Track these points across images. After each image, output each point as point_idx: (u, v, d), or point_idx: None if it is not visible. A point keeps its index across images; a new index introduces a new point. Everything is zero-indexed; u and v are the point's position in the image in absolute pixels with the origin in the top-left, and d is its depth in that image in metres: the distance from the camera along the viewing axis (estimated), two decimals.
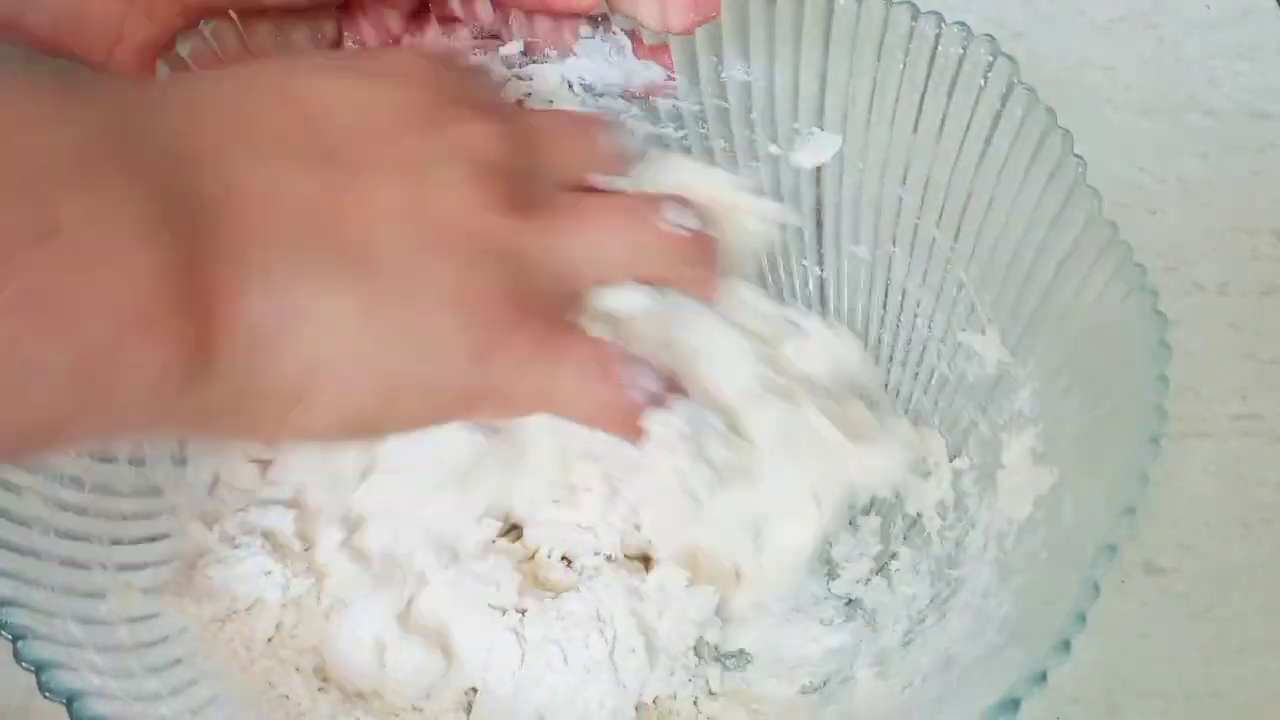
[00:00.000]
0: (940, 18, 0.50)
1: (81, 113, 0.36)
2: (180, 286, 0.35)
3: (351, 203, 0.40)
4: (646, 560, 0.50)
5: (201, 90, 0.41)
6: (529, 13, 0.53)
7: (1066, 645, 0.37)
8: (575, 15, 0.53)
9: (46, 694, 0.38)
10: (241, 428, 0.41)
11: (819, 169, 0.55)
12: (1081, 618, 0.37)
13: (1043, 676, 0.36)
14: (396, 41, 0.55)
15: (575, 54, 0.55)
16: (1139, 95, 0.71)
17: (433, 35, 0.55)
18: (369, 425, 0.42)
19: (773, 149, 0.55)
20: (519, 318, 0.42)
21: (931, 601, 0.48)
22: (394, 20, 0.55)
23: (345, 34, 0.54)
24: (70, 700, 0.38)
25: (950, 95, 0.51)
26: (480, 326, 0.41)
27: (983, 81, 0.49)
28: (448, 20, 0.55)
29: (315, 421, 0.40)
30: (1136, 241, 0.45)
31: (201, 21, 0.52)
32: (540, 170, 0.45)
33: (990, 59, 0.49)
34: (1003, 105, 0.49)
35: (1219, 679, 0.53)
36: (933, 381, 0.53)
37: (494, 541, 0.50)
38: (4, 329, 0.32)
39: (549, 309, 0.43)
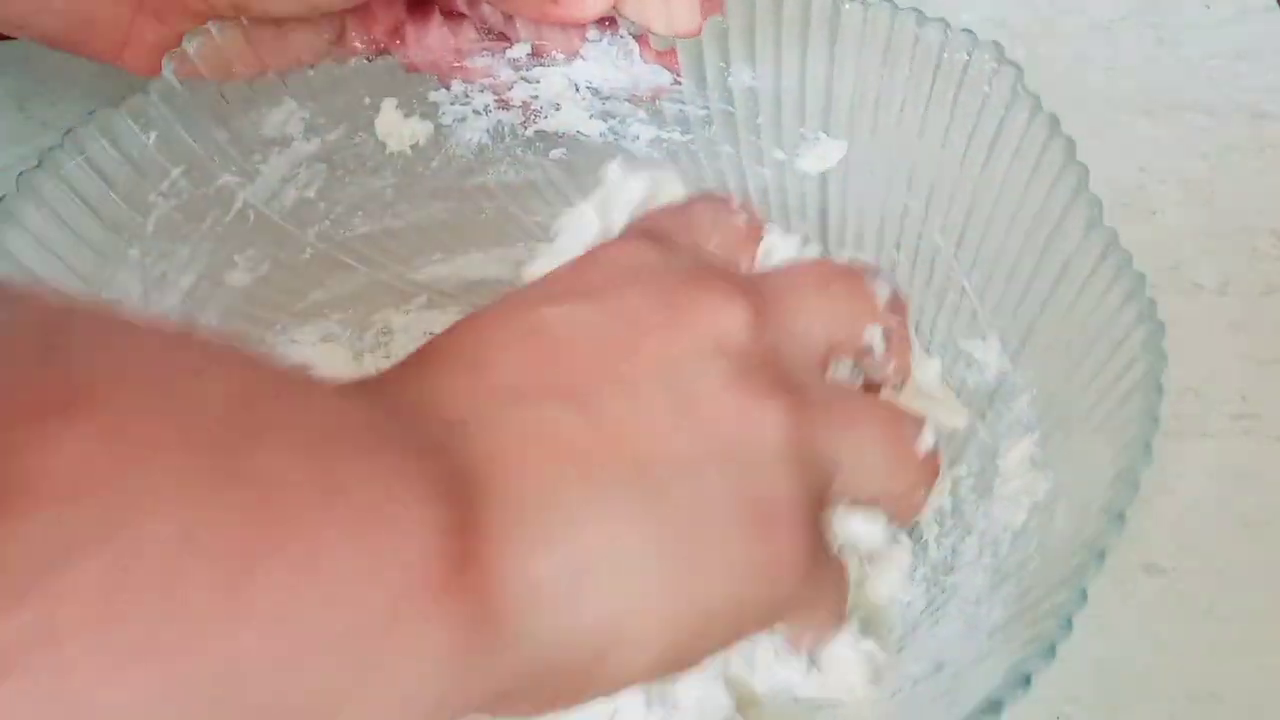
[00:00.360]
0: (946, 24, 0.50)
1: (357, 386, 0.36)
2: (459, 548, 0.32)
3: (614, 432, 0.37)
4: None
5: (444, 352, 0.39)
6: (533, 20, 0.54)
7: (1052, 649, 0.36)
8: (577, 25, 0.53)
9: None
10: (545, 700, 0.38)
11: (824, 174, 0.55)
12: (1068, 623, 0.37)
13: (1026, 679, 0.36)
14: (400, 36, 0.55)
15: (582, 57, 0.55)
16: (1139, 95, 0.70)
17: (436, 30, 0.55)
18: (679, 662, 0.39)
19: (778, 154, 0.55)
20: (802, 523, 0.40)
21: (926, 608, 0.48)
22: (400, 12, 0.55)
23: (354, 34, 0.55)
24: None
25: (955, 102, 0.50)
26: (771, 536, 0.39)
27: (987, 88, 0.49)
28: (453, 15, 0.55)
29: (623, 672, 0.37)
30: (1137, 241, 0.45)
31: (209, 21, 0.52)
32: (795, 343, 0.43)
33: (995, 65, 0.49)
34: (1007, 112, 0.49)
35: (1219, 679, 0.52)
36: None
37: None
38: (278, 593, 0.28)
39: (816, 516, 0.41)
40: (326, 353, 0.56)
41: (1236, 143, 0.69)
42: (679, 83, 0.55)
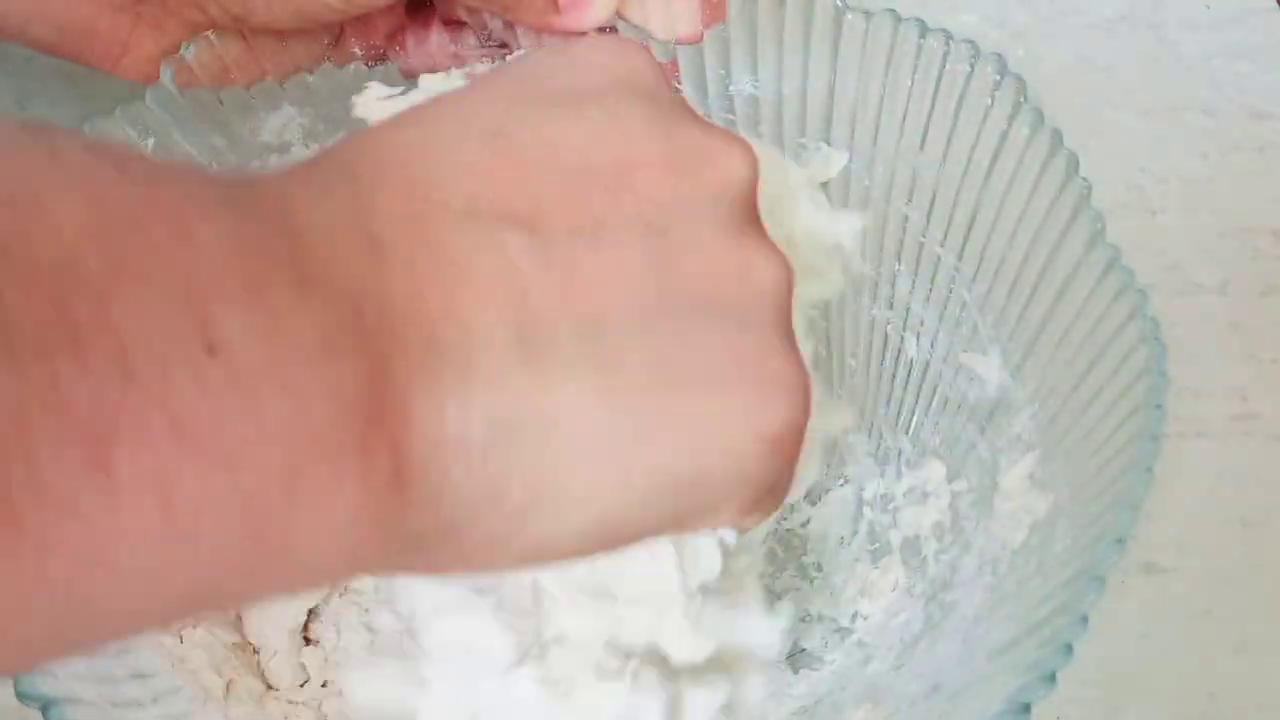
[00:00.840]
0: (948, 35, 0.50)
1: (241, 199, 0.29)
2: (365, 407, 0.28)
3: (566, 279, 0.32)
4: None
5: (375, 154, 0.32)
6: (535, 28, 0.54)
7: (1052, 677, 0.36)
8: (579, 34, 0.53)
9: (21, 699, 0.36)
10: (463, 559, 0.33)
11: (825, 184, 0.53)
12: (1068, 649, 0.36)
13: (1026, 708, 0.36)
14: (400, 42, 0.55)
15: None
16: (1139, 95, 0.70)
17: (436, 36, 0.55)
18: (610, 536, 0.34)
19: None
20: (806, 392, 0.34)
21: (924, 625, 0.48)
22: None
23: (352, 39, 0.55)
24: (46, 706, 0.36)
25: (957, 113, 0.50)
26: (772, 403, 0.33)
27: (990, 100, 0.49)
28: (453, 24, 0.55)
29: (548, 540, 0.33)
30: (1137, 241, 0.45)
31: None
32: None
33: (998, 78, 0.49)
34: (1009, 125, 0.49)
35: (1219, 679, 0.52)
36: (934, 402, 0.53)
37: None
38: (158, 469, 0.25)
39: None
40: None
41: (1236, 143, 0.69)
42: (679, 90, 0.54)
